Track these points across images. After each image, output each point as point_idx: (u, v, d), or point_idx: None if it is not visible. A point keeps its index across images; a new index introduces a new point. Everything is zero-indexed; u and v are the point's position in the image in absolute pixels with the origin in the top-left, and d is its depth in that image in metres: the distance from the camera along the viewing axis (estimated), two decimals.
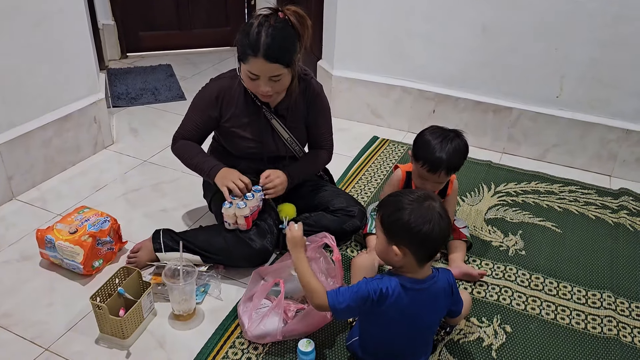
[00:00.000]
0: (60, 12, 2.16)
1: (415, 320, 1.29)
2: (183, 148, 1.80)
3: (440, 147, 1.65)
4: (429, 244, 1.22)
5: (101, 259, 1.75)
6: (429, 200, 1.23)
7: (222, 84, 1.76)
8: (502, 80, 2.52)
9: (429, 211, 1.21)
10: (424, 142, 1.68)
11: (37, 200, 2.14)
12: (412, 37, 2.61)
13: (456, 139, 1.67)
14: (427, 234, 1.20)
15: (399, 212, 1.22)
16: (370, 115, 2.89)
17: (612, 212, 2.18)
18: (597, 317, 1.65)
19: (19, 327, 1.54)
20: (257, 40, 1.52)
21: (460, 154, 1.67)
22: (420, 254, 1.23)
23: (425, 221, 1.20)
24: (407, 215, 1.21)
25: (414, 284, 1.25)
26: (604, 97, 2.37)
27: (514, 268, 1.84)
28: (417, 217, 1.20)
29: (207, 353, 1.46)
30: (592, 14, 2.22)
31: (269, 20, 1.54)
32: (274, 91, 1.63)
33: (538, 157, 2.59)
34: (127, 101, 3.08)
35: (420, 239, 1.21)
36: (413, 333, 1.33)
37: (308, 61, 3.37)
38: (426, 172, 1.68)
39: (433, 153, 1.64)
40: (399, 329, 1.30)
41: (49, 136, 2.23)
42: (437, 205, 1.23)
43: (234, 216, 1.67)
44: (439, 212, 1.22)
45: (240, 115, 1.76)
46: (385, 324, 1.30)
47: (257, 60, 1.54)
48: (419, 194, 1.26)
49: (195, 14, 3.86)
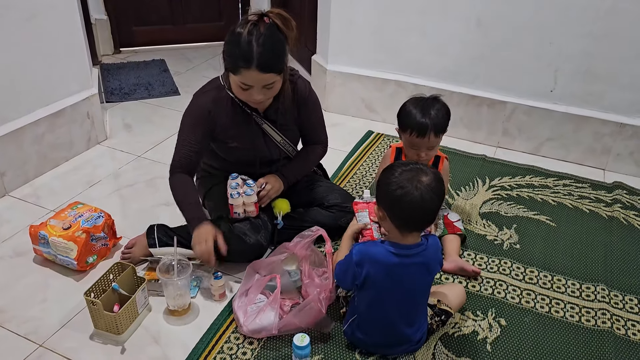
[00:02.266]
0: (52, 8, 2.14)
1: (405, 285, 1.34)
2: (174, 186, 1.70)
3: (423, 111, 1.72)
4: (407, 213, 1.27)
5: (95, 255, 1.74)
6: (422, 173, 1.27)
7: (210, 97, 1.68)
8: (497, 74, 2.52)
9: (415, 180, 1.25)
10: (407, 113, 1.76)
11: (30, 196, 2.13)
12: (407, 32, 2.60)
13: (435, 102, 1.76)
14: (399, 197, 1.25)
15: (388, 173, 1.30)
16: (365, 110, 2.89)
17: (606, 206, 2.18)
18: (591, 310, 1.65)
19: (13, 324, 1.54)
20: (249, 51, 1.47)
21: (443, 114, 1.75)
22: (396, 219, 1.29)
23: (400, 186, 1.25)
24: (393, 177, 1.27)
25: (398, 249, 1.31)
26: (597, 90, 2.37)
27: (508, 262, 1.84)
28: (396, 181, 1.26)
29: (202, 348, 1.46)
30: (585, 7, 2.22)
31: (257, 28, 1.49)
32: (266, 98, 1.61)
33: (532, 151, 2.60)
34: (121, 96, 3.06)
35: (398, 205, 1.26)
36: (404, 299, 1.36)
37: (302, 56, 3.36)
38: (416, 139, 1.73)
39: (417, 118, 1.72)
40: (389, 295, 1.34)
41: (42, 132, 2.21)
42: (427, 179, 1.26)
43: (243, 205, 1.68)
44: (426, 184, 1.25)
45: (230, 125, 1.71)
46: (376, 292, 1.34)
47: (250, 72, 1.50)
48: (413, 166, 1.30)
49: (189, 8, 3.84)
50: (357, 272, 1.33)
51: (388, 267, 1.31)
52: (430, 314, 1.47)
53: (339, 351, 1.47)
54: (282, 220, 1.80)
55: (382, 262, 1.31)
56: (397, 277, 1.32)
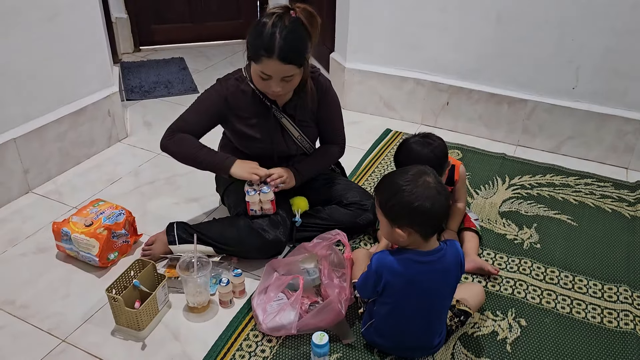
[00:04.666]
0: (73, 7, 2.17)
1: (425, 293, 1.31)
2: (182, 142, 1.71)
3: (420, 152, 1.67)
4: (431, 220, 1.25)
5: (116, 252, 1.77)
6: (423, 177, 1.25)
7: (230, 84, 1.72)
8: (517, 71, 2.49)
9: (426, 189, 1.23)
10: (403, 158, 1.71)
11: (52, 193, 2.16)
12: (426, 28, 2.58)
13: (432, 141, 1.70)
14: (428, 211, 1.22)
15: (397, 195, 1.25)
16: (383, 108, 2.87)
17: (629, 205, 2.15)
18: (613, 311, 1.63)
19: (36, 319, 1.57)
20: (272, 41, 1.50)
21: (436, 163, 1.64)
22: (424, 231, 1.27)
23: (425, 199, 1.22)
24: (407, 197, 1.23)
25: (421, 257, 1.29)
26: (620, 88, 2.33)
27: (528, 261, 1.82)
28: (415, 198, 1.22)
29: (221, 345, 1.47)
30: (609, 2, 2.18)
31: (282, 20, 1.51)
32: (285, 91, 1.62)
33: (553, 149, 2.56)
34: (141, 94, 3.09)
35: (423, 218, 1.24)
36: (425, 307, 1.34)
37: (321, 54, 3.36)
38: None
39: (413, 159, 1.62)
40: (410, 303, 1.32)
41: (64, 129, 2.25)
42: (432, 180, 1.25)
43: (260, 202, 1.69)
44: (435, 188, 1.24)
45: (249, 116, 1.74)
46: (396, 300, 1.32)
47: (271, 62, 1.52)
48: (413, 172, 1.27)
49: (208, 7, 3.86)
50: (377, 281, 1.31)
51: (408, 276, 1.29)
52: (449, 315, 1.46)
53: (358, 350, 1.47)
54: (300, 217, 1.80)
55: (401, 271, 1.29)
56: (418, 285, 1.30)
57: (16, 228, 1.95)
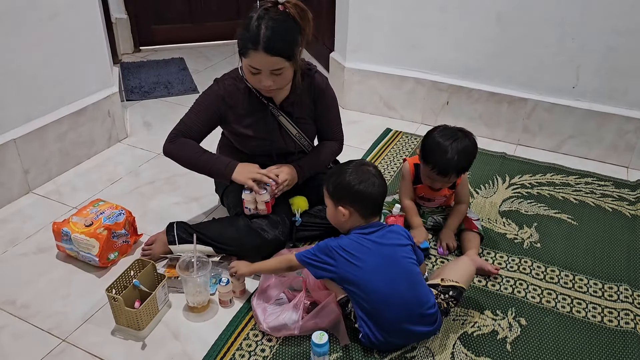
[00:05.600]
0: (73, 7, 2.17)
1: (384, 257, 1.40)
2: (184, 147, 1.71)
3: (450, 149, 1.69)
4: (368, 199, 1.43)
5: (116, 252, 1.77)
6: (365, 165, 1.47)
7: (227, 84, 1.73)
8: (517, 70, 2.49)
9: (365, 173, 1.44)
10: (432, 145, 1.73)
11: (53, 193, 2.17)
12: (425, 28, 2.58)
13: (465, 140, 1.71)
14: (365, 190, 1.42)
15: (341, 176, 1.45)
16: (383, 107, 2.87)
17: (629, 204, 2.15)
18: (613, 310, 1.63)
19: (37, 319, 1.57)
20: (257, 33, 1.49)
21: (469, 156, 1.72)
22: (363, 210, 1.45)
23: (362, 180, 1.42)
24: (347, 177, 1.43)
25: (363, 230, 1.45)
26: (621, 87, 2.33)
27: (528, 260, 1.82)
28: (355, 178, 1.43)
29: (221, 344, 1.47)
30: (609, 1, 2.18)
31: (268, 13, 1.52)
32: (277, 86, 1.61)
33: (553, 148, 2.56)
34: (141, 95, 3.09)
35: (361, 196, 1.42)
36: (397, 271, 1.40)
37: (320, 53, 3.36)
38: (436, 175, 1.73)
39: (443, 157, 1.69)
40: (379, 272, 1.39)
41: (64, 130, 2.25)
42: (372, 169, 1.46)
43: (255, 202, 1.69)
44: (374, 174, 1.45)
45: (246, 114, 1.74)
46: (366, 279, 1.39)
47: (257, 54, 1.51)
48: (356, 162, 1.49)
49: (207, 7, 3.86)
50: (336, 257, 1.41)
51: (358, 242, 1.41)
52: (435, 293, 1.45)
53: (357, 349, 1.47)
54: (300, 217, 1.80)
55: (350, 241, 1.42)
56: (373, 248, 1.41)
57: (16, 228, 1.95)
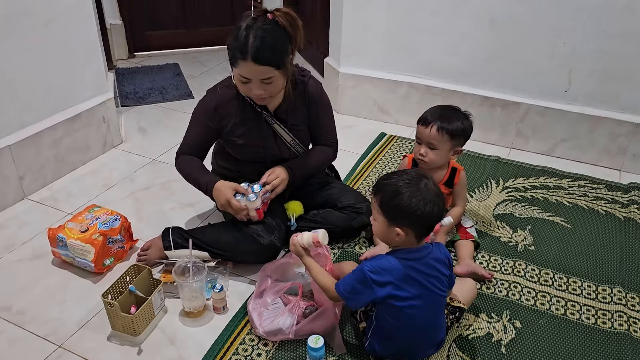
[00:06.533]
0: (68, 13, 2.18)
1: (424, 286, 1.32)
2: (183, 164, 1.77)
3: (441, 107, 1.81)
4: (429, 222, 1.31)
5: (112, 257, 1.77)
6: (424, 180, 1.31)
7: (220, 94, 1.73)
8: (510, 75, 2.51)
9: (427, 192, 1.29)
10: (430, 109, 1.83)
11: (48, 199, 2.16)
12: (419, 33, 2.60)
13: (459, 112, 1.79)
14: (428, 214, 1.28)
15: (399, 197, 1.29)
16: (377, 112, 2.89)
17: (622, 207, 2.16)
18: (607, 312, 1.64)
19: (33, 325, 1.57)
20: (245, 43, 1.50)
21: (455, 115, 1.76)
22: (419, 232, 1.32)
23: (426, 202, 1.28)
24: (408, 199, 1.28)
25: (411, 254, 1.33)
26: (613, 90, 2.35)
27: (523, 263, 1.83)
28: (417, 200, 1.27)
29: (217, 349, 1.47)
30: (600, 6, 2.20)
31: (257, 22, 1.52)
32: (268, 94, 1.61)
33: (547, 152, 2.58)
34: (135, 100, 3.10)
35: (422, 219, 1.29)
36: (428, 300, 1.34)
37: (315, 58, 3.37)
38: (420, 126, 1.78)
39: (431, 109, 1.80)
40: (414, 302, 1.32)
41: (59, 136, 2.25)
42: (431, 184, 1.31)
43: (246, 208, 1.69)
44: (434, 191, 1.30)
45: (240, 123, 1.74)
46: (401, 300, 1.32)
47: (246, 64, 1.52)
48: (413, 174, 1.33)
49: (202, 12, 3.88)
50: (376, 290, 1.30)
51: (405, 273, 1.31)
52: (445, 312, 1.47)
53: (354, 354, 1.47)
54: (295, 222, 1.81)
55: (399, 270, 1.30)
56: (416, 277, 1.31)
57: (12, 234, 1.95)
